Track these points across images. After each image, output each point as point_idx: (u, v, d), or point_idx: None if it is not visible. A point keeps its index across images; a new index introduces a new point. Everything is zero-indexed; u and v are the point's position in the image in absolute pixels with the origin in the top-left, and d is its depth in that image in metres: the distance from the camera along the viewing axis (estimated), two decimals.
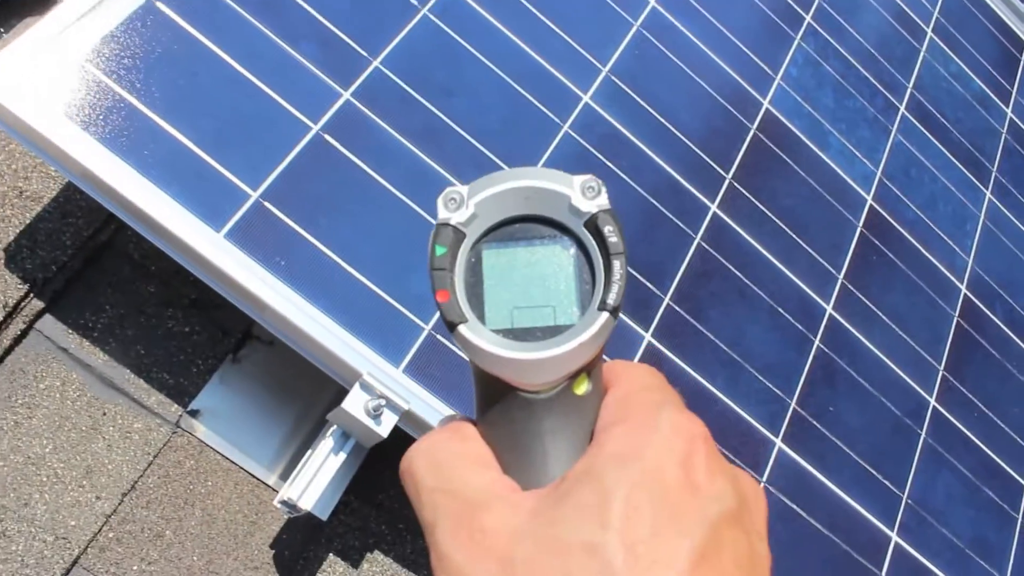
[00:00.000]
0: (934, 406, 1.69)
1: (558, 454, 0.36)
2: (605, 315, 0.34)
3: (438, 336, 1.21)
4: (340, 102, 1.29)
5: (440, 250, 0.35)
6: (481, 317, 0.35)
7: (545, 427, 0.36)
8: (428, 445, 0.37)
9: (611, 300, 0.34)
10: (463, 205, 0.35)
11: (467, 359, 0.36)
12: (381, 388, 1.13)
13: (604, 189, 0.35)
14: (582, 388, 0.36)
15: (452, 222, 0.35)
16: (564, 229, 0.36)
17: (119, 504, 1.20)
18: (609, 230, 0.35)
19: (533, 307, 0.35)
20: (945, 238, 1.91)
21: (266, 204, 1.17)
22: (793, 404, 1.51)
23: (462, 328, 0.34)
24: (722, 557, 0.31)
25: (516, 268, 0.36)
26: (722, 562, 0.31)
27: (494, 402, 0.36)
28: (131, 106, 1.14)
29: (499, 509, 0.33)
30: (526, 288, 0.36)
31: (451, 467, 0.36)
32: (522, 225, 0.36)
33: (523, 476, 0.36)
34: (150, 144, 1.13)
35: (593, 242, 0.35)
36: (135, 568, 1.19)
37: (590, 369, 0.36)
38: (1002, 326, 1.90)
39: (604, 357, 0.38)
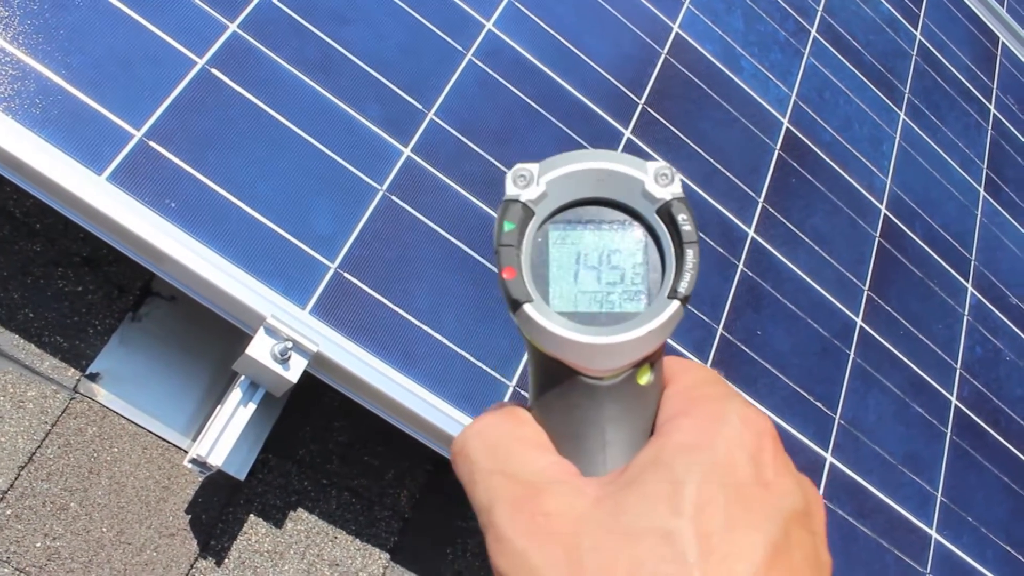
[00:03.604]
0: (861, 326, 1.69)
1: (618, 443, 0.35)
2: (676, 304, 0.34)
3: (345, 275, 1.15)
4: (226, 34, 1.21)
5: (508, 226, 0.34)
6: (545, 298, 0.35)
7: (606, 415, 0.35)
8: (482, 427, 0.36)
9: (683, 289, 0.34)
10: (533, 182, 0.35)
11: (526, 340, 0.36)
12: (287, 331, 1.06)
13: (678, 177, 0.35)
14: (645, 378, 0.35)
15: (522, 199, 0.35)
16: (634, 214, 0.36)
17: (16, 479, 1.12)
18: (683, 218, 0.34)
19: (599, 291, 0.35)
20: (862, 159, 1.90)
21: (151, 143, 1.09)
22: (720, 330, 1.48)
23: (527, 307, 0.34)
24: (792, 555, 0.31)
25: (584, 251, 0.35)
26: (793, 560, 0.31)
27: (552, 387, 0.36)
28: None
29: (562, 493, 0.32)
30: (593, 272, 0.35)
31: (508, 449, 0.35)
32: (592, 207, 0.36)
33: (580, 463, 0.35)
34: (16, 84, 1.04)
35: (665, 229, 0.35)
36: (38, 545, 1.11)
37: (654, 360, 0.36)
38: (922, 244, 1.90)
39: None
